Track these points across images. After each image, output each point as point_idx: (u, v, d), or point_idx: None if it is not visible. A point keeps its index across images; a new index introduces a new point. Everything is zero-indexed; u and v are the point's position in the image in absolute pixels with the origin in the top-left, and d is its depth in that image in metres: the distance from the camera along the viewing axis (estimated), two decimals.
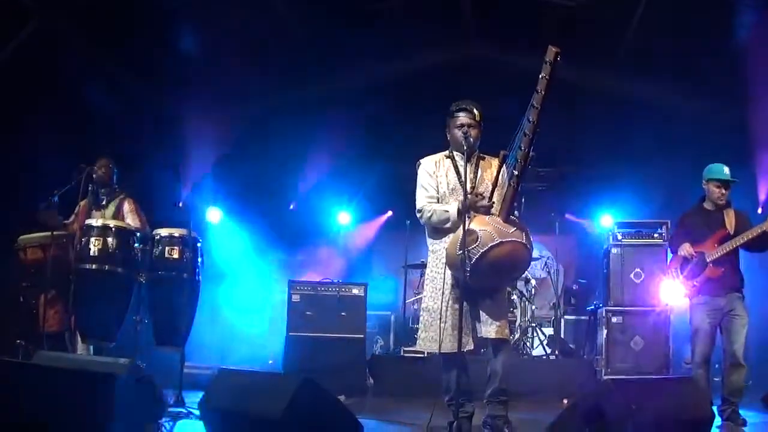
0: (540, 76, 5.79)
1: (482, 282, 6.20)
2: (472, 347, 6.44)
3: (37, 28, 9.84)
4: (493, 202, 6.29)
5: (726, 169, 8.11)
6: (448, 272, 6.36)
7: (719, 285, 7.96)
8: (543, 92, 5.78)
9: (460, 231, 6.03)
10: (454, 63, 13.20)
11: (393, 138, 13.27)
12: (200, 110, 12.05)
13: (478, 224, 6.08)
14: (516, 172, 6.05)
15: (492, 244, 5.98)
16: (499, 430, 6.38)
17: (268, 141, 13.44)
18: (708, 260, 7.97)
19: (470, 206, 6.23)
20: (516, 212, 6.38)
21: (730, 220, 8.06)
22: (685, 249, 8.14)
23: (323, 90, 13.11)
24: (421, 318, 6.72)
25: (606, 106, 12.67)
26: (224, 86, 12.06)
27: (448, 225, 6.40)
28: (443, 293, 6.37)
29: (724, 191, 8.10)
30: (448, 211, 6.37)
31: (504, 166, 6.23)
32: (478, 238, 5.98)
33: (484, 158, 6.69)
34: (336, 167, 14.19)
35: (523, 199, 7.16)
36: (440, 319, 6.30)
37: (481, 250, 5.95)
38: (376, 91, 13.02)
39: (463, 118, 6.54)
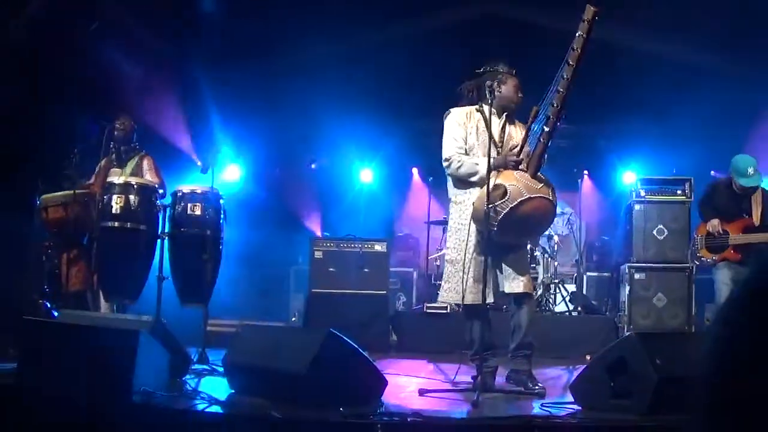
0: (577, 34, 5.84)
1: (508, 237, 6.20)
2: (492, 300, 6.44)
3: None
4: (522, 159, 6.28)
5: (750, 170, 8.24)
6: (473, 224, 6.34)
7: (740, 264, 8.24)
8: (579, 50, 5.82)
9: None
10: (476, 19, 13.11)
11: (414, 95, 13.19)
12: (219, 70, 12.03)
13: (506, 179, 6.07)
14: (547, 129, 6.06)
15: (521, 199, 5.99)
16: (523, 384, 6.40)
17: (289, 99, 13.39)
18: (730, 243, 8.27)
19: (501, 163, 6.24)
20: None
21: (756, 207, 8.33)
22: (713, 225, 8.41)
23: (345, 46, 13.03)
24: (444, 270, 6.72)
25: (626, 60, 12.55)
26: (244, 45, 12.03)
27: (475, 178, 6.37)
28: (467, 245, 6.35)
29: (744, 190, 8.37)
30: (478, 164, 6.33)
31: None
32: (507, 192, 5.98)
33: (512, 119, 6.73)
34: (357, 125, 14.13)
35: (545, 156, 7.11)
36: (463, 270, 6.30)
37: (510, 205, 5.95)
38: (398, 47, 12.94)
39: (516, 79, 6.62)
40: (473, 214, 6.29)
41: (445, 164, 6.59)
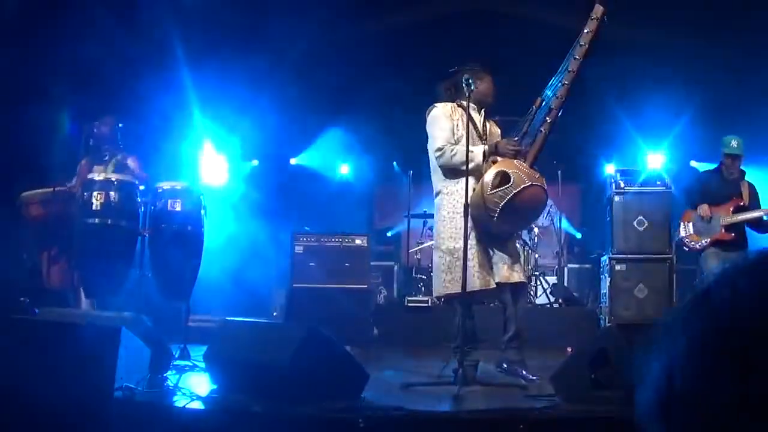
0: (585, 30, 6.04)
1: (506, 225, 6.29)
2: (494, 286, 6.45)
3: None
4: (523, 148, 6.39)
5: (734, 143, 8.67)
6: (471, 211, 6.33)
7: (728, 247, 8.54)
8: (586, 45, 6.01)
9: (490, 174, 6.15)
10: (456, 12, 13.12)
11: (394, 88, 13.18)
12: (198, 67, 11.98)
13: (506, 166, 6.15)
14: (549, 119, 6.17)
15: (524, 185, 6.08)
16: (517, 373, 6.41)
17: (268, 94, 13.36)
18: (722, 224, 8.56)
19: (498, 150, 6.39)
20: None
21: (745, 191, 8.70)
22: (703, 209, 8.69)
23: (324, 40, 13.01)
24: (440, 260, 6.65)
25: (608, 51, 12.58)
26: (224, 42, 12.00)
27: (470, 166, 6.37)
28: (467, 232, 6.32)
29: (731, 161, 8.68)
30: (473, 152, 6.34)
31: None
32: (510, 178, 6.03)
33: (489, 116, 6.91)
34: (336, 119, 14.13)
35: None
36: (464, 258, 6.26)
37: (514, 191, 6.03)
38: (377, 40, 12.94)
39: (491, 76, 6.78)
40: (473, 200, 6.26)
41: (437, 154, 6.59)
